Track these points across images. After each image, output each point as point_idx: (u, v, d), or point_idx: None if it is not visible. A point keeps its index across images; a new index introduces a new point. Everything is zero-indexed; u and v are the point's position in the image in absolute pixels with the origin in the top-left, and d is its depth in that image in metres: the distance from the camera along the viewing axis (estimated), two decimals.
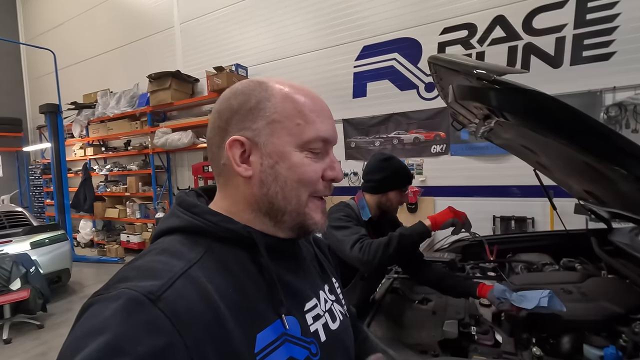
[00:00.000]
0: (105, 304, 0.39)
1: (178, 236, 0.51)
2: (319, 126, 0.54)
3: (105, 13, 7.26)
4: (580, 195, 1.60)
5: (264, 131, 0.52)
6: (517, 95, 0.77)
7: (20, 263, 3.60)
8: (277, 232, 0.56)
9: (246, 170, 0.52)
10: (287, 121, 0.53)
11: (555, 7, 3.34)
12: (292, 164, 0.52)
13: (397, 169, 1.54)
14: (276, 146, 0.52)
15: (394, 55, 4.19)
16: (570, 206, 3.02)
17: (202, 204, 0.54)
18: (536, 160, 1.58)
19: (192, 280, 0.43)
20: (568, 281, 1.37)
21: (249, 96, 0.53)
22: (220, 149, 0.54)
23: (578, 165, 1.02)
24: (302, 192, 0.54)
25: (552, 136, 0.82)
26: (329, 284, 0.67)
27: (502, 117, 0.89)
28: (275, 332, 0.48)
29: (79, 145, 7.34)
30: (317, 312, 0.57)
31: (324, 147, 0.55)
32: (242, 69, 5.14)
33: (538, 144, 1.17)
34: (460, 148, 3.90)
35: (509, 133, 1.20)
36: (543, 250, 1.89)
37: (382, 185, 1.52)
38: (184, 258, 0.46)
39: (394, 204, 1.55)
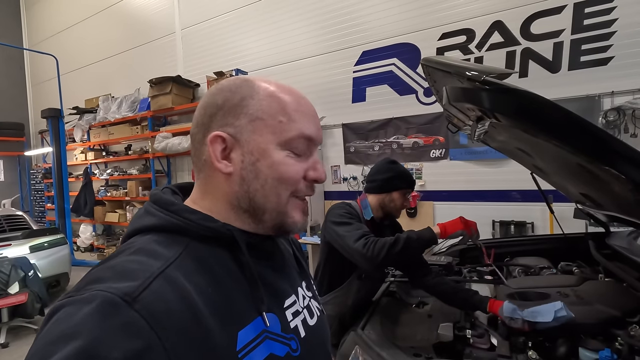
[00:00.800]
0: (77, 306, 0.37)
1: (154, 235, 0.49)
2: (302, 125, 0.53)
3: (107, 19, 7.34)
4: (577, 199, 1.60)
5: (246, 128, 0.52)
6: (506, 95, 0.77)
7: (19, 267, 3.60)
8: (257, 230, 0.55)
9: (226, 167, 0.52)
10: (270, 119, 0.52)
11: (553, 12, 3.36)
12: (273, 162, 0.52)
13: (403, 171, 1.59)
14: (258, 143, 0.52)
15: (393, 60, 4.21)
16: (569, 211, 3.02)
17: (179, 202, 0.53)
18: (532, 164, 1.58)
19: (169, 280, 0.42)
20: (565, 284, 1.36)
21: (234, 93, 0.53)
22: (202, 144, 0.53)
23: (572, 167, 1.02)
24: (282, 191, 0.53)
25: (543, 136, 0.82)
26: (307, 281, 0.68)
27: (494, 118, 0.89)
28: (256, 329, 0.48)
29: (80, 149, 7.37)
30: (296, 309, 0.58)
31: (307, 146, 0.55)
32: (242, 73, 5.17)
33: (532, 146, 1.17)
34: (460, 152, 3.90)
35: (503, 135, 1.20)
36: (541, 254, 1.88)
37: (387, 184, 1.54)
38: (161, 257, 0.45)
39: (397, 205, 1.56)
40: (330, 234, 1.43)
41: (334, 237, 1.41)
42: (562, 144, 0.77)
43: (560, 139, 0.76)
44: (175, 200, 0.53)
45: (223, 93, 0.54)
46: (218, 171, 0.52)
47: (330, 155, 4.76)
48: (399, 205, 1.57)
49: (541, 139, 0.87)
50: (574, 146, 0.78)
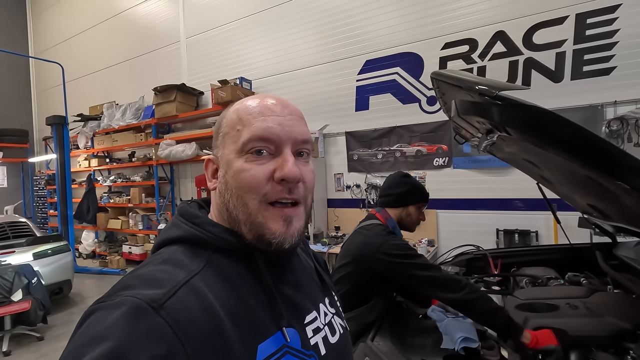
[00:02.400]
0: (109, 311, 0.40)
1: (180, 246, 0.52)
2: (255, 126, 0.52)
3: (113, 28, 7.44)
4: (584, 209, 1.60)
5: (220, 146, 0.56)
6: (519, 111, 0.78)
7: (23, 274, 3.60)
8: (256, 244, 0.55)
9: (213, 184, 0.57)
10: (231, 131, 0.55)
11: (555, 23, 3.40)
12: (235, 171, 0.52)
13: (418, 184, 1.62)
14: (225, 156, 0.55)
15: (396, 69, 4.25)
16: (574, 220, 3.01)
17: (203, 215, 0.56)
18: (539, 174, 1.58)
19: (194, 289, 0.44)
20: (574, 296, 1.36)
21: (222, 119, 0.58)
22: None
23: (581, 179, 1.03)
24: (248, 199, 0.51)
25: (553, 151, 0.83)
26: (330, 297, 0.67)
27: (504, 131, 0.90)
28: (277, 343, 0.48)
29: (84, 156, 7.41)
30: (317, 325, 0.58)
31: (266, 146, 0.52)
32: (247, 82, 5.22)
33: (541, 158, 1.18)
34: (463, 161, 3.91)
35: (511, 147, 1.21)
36: (547, 264, 1.88)
37: (404, 198, 1.56)
38: (185, 268, 0.47)
39: (413, 219, 1.58)
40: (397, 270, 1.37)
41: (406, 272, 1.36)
42: (573, 158, 0.78)
43: (571, 153, 0.77)
44: (200, 213, 0.56)
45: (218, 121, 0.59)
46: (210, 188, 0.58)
47: (333, 163, 4.77)
48: (415, 219, 1.59)
49: (551, 153, 0.88)
50: (585, 161, 0.78)
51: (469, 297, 1.23)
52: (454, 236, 3.93)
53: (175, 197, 6.40)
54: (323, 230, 4.64)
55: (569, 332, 1.11)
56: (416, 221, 1.60)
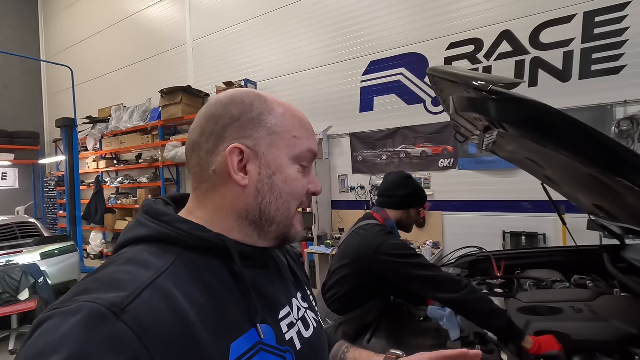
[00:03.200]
0: (63, 318, 0.37)
1: (145, 246, 0.49)
2: (311, 142, 0.58)
3: (121, 31, 7.55)
4: (590, 210, 1.56)
5: (264, 141, 0.53)
6: (513, 105, 0.76)
7: (30, 273, 3.65)
8: (258, 241, 0.56)
9: (243, 179, 0.52)
10: (285, 134, 0.55)
11: (562, 21, 3.34)
12: (288, 177, 0.55)
13: (419, 187, 1.62)
14: (275, 157, 0.54)
15: (401, 70, 4.22)
16: (583, 222, 2.94)
17: (171, 212, 0.53)
18: (543, 174, 1.54)
19: (160, 290, 0.42)
20: (578, 299, 1.32)
21: (250, 106, 0.54)
22: (213, 154, 0.53)
23: (583, 177, 1.00)
24: (292, 205, 0.56)
25: (552, 147, 0.80)
26: (302, 292, 0.67)
27: (501, 128, 0.87)
28: (250, 341, 0.47)
29: (92, 158, 7.51)
30: (291, 320, 0.57)
31: (309, 161, 0.59)
32: (252, 84, 5.24)
33: (542, 156, 1.14)
34: (469, 162, 3.85)
35: (512, 145, 1.18)
36: (553, 266, 1.83)
37: (407, 201, 1.56)
38: (151, 267, 0.44)
39: (412, 220, 1.59)
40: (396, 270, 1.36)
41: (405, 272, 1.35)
42: (572, 154, 0.75)
43: (569, 149, 0.74)
44: (167, 210, 0.53)
45: (238, 105, 0.54)
46: (233, 183, 0.52)
47: (337, 164, 4.75)
48: (414, 220, 1.60)
49: (550, 150, 0.85)
50: (583, 157, 0.75)
51: (470, 297, 1.21)
52: (459, 238, 3.88)
53: None
54: (327, 232, 4.62)
55: (572, 337, 1.07)
56: (414, 222, 1.62)
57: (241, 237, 0.54)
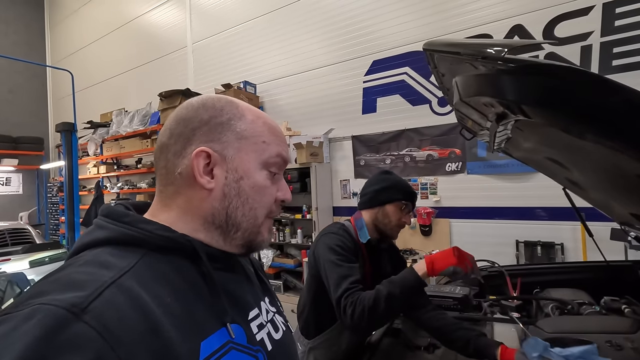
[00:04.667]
0: (16, 323, 0.34)
1: (106, 248, 0.47)
2: (279, 146, 0.58)
3: (123, 35, 7.51)
4: (624, 219, 1.31)
5: (232, 145, 0.54)
6: (539, 77, 0.54)
7: (15, 283, 3.49)
8: (224, 246, 0.56)
9: (209, 182, 0.52)
10: (254, 139, 0.55)
11: (579, 14, 3.09)
12: (255, 183, 0.55)
13: (398, 180, 1.37)
14: (243, 161, 0.54)
15: (405, 69, 4.01)
16: (604, 231, 2.67)
17: (134, 214, 0.52)
18: (566, 177, 1.31)
19: (123, 289, 0.40)
20: (615, 330, 1.07)
21: (221, 111, 0.55)
22: (179, 157, 0.53)
23: (629, 179, 0.77)
24: (260, 212, 0.56)
25: (593, 137, 0.58)
26: (270, 297, 0.68)
27: (520, 113, 0.65)
28: (220, 340, 0.47)
29: (93, 163, 7.44)
30: (261, 322, 0.57)
31: (279, 168, 0.58)
32: (251, 86, 5.08)
33: (570, 154, 0.91)
34: (478, 166, 3.60)
35: (530, 140, 0.96)
36: (578, 285, 1.58)
37: (379, 196, 1.34)
38: (113, 268, 0.43)
39: (392, 220, 1.32)
40: (322, 269, 1.21)
41: (324, 274, 1.19)
42: (626, 146, 0.53)
43: (622, 139, 0.52)
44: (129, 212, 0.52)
45: (209, 110, 0.54)
46: (198, 186, 0.52)
47: (339, 169, 4.54)
48: (395, 221, 1.32)
49: (588, 142, 0.63)
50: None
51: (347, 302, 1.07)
52: (468, 248, 3.55)
53: None
54: None
55: None
56: (396, 225, 1.33)
57: (207, 240, 0.54)
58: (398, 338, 1.31)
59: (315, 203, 4.22)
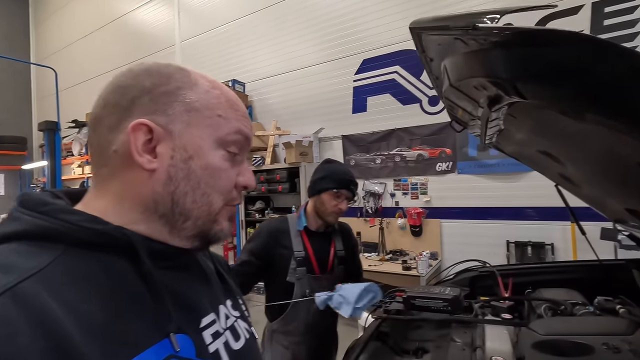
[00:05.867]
0: None
1: (14, 244, 0.38)
2: (242, 124, 0.50)
3: (110, 33, 7.36)
4: (618, 217, 1.27)
5: (180, 118, 0.45)
6: (537, 46, 0.48)
7: None
8: (172, 239, 0.47)
9: (150, 162, 0.44)
10: (208, 111, 0.47)
11: (569, 13, 3.09)
12: (209, 164, 0.46)
13: (334, 170, 1.46)
14: (193, 138, 0.46)
15: (395, 68, 3.97)
16: (594, 231, 2.64)
17: (56, 202, 0.42)
18: (559, 172, 1.26)
19: (20, 298, 0.33)
20: (611, 332, 1.02)
21: (168, 78, 0.46)
22: (115, 131, 0.44)
23: (627, 169, 0.71)
24: (215, 199, 0.48)
25: (596, 116, 0.52)
26: (233, 300, 0.59)
27: (514, 93, 0.59)
28: (160, 354, 0.39)
29: (78, 163, 7.25)
30: (217, 329, 0.49)
31: (241, 148, 0.50)
32: (239, 84, 4.99)
33: (564, 144, 0.86)
34: (468, 166, 3.57)
35: (523, 131, 0.90)
36: (570, 284, 1.53)
37: (316, 186, 1.45)
38: (14, 270, 0.35)
39: (327, 208, 1.43)
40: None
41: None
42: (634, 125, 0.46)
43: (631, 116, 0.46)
44: (52, 201, 0.42)
45: (152, 76, 0.46)
46: (137, 166, 0.43)
47: None
48: (330, 208, 1.43)
49: (589, 123, 0.57)
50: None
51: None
52: (459, 248, 3.58)
53: None
54: None
55: None
56: (332, 211, 1.44)
57: (149, 232, 0.45)
58: (384, 342, 1.25)
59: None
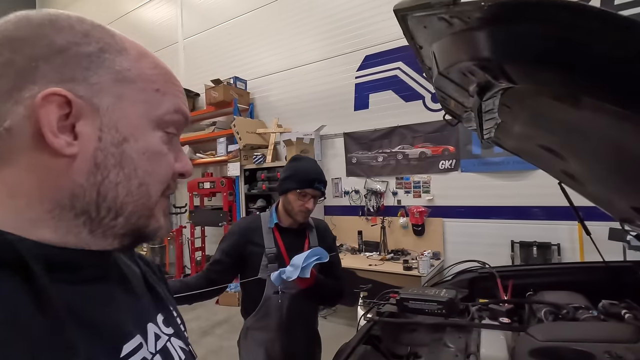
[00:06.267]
0: None
1: None
2: (180, 99, 0.43)
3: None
4: (624, 216, 1.20)
5: (109, 90, 0.37)
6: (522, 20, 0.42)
7: None
8: (92, 241, 0.38)
9: (69, 146, 0.34)
10: (143, 83, 0.39)
11: None
12: (148, 147, 0.39)
13: (300, 168, 1.42)
14: (127, 115, 0.37)
15: (398, 64, 3.89)
16: (602, 231, 2.56)
17: None
18: (562, 169, 1.19)
19: None
20: (616, 339, 0.95)
21: (87, 37, 0.37)
22: (7, 102, 0.33)
23: (632, 162, 0.65)
24: (153, 189, 0.40)
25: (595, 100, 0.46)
26: (165, 313, 0.49)
27: (503, 77, 0.53)
28: None
29: None
30: (143, 356, 0.40)
31: (178, 128, 0.44)
32: (241, 81, 4.96)
33: (564, 136, 0.80)
34: (472, 164, 3.49)
35: (519, 122, 0.84)
36: (574, 287, 1.45)
37: (282, 185, 1.43)
38: None
39: (294, 207, 1.40)
40: None
41: None
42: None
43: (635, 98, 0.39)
44: None
45: (64, 31, 0.36)
46: (48, 150, 0.33)
47: (331, 167, 4.41)
48: (296, 207, 1.39)
49: (587, 110, 0.51)
50: None
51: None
52: (462, 248, 3.50)
53: (172, 202, 6.15)
54: None
55: None
56: (298, 210, 1.40)
57: (57, 235, 0.35)
58: (375, 346, 1.19)
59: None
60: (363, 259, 3.68)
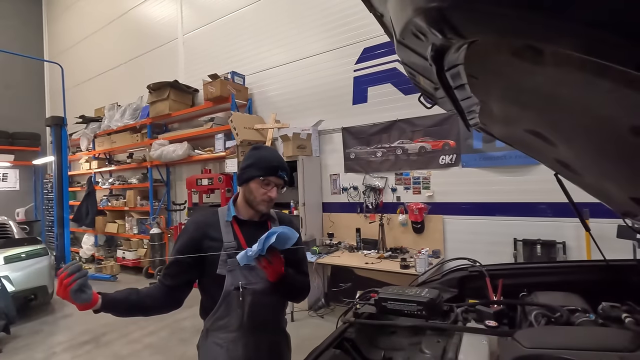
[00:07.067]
0: None
1: None
2: None
3: (117, 29, 7.39)
4: (624, 209, 1.07)
5: None
6: None
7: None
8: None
9: None
10: None
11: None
12: None
13: (261, 156, 1.34)
14: None
15: (397, 56, 3.76)
16: (611, 229, 2.41)
17: None
18: (554, 157, 1.08)
19: None
20: (611, 347, 0.84)
21: None
22: None
23: (618, 140, 0.54)
24: None
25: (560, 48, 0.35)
26: None
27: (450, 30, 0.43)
28: None
29: (85, 158, 7.33)
30: None
31: None
32: (239, 76, 4.89)
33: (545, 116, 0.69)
34: (473, 158, 3.35)
35: (493, 96, 0.73)
36: (571, 287, 1.33)
37: (243, 174, 1.35)
38: None
39: (256, 197, 1.32)
40: None
41: None
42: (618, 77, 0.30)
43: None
44: None
45: None
46: None
47: (329, 162, 4.32)
48: (259, 197, 1.32)
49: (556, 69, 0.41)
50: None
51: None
52: (463, 246, 3.37)
53: (172, 199, 6.13)
54: (316, 237, 4.17)
55: None
56: (261, 199, 1.32)
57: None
58: (346, 350, 1.10)
59: (302, 198, 4.01)
60: (360, 257, 3.58)
